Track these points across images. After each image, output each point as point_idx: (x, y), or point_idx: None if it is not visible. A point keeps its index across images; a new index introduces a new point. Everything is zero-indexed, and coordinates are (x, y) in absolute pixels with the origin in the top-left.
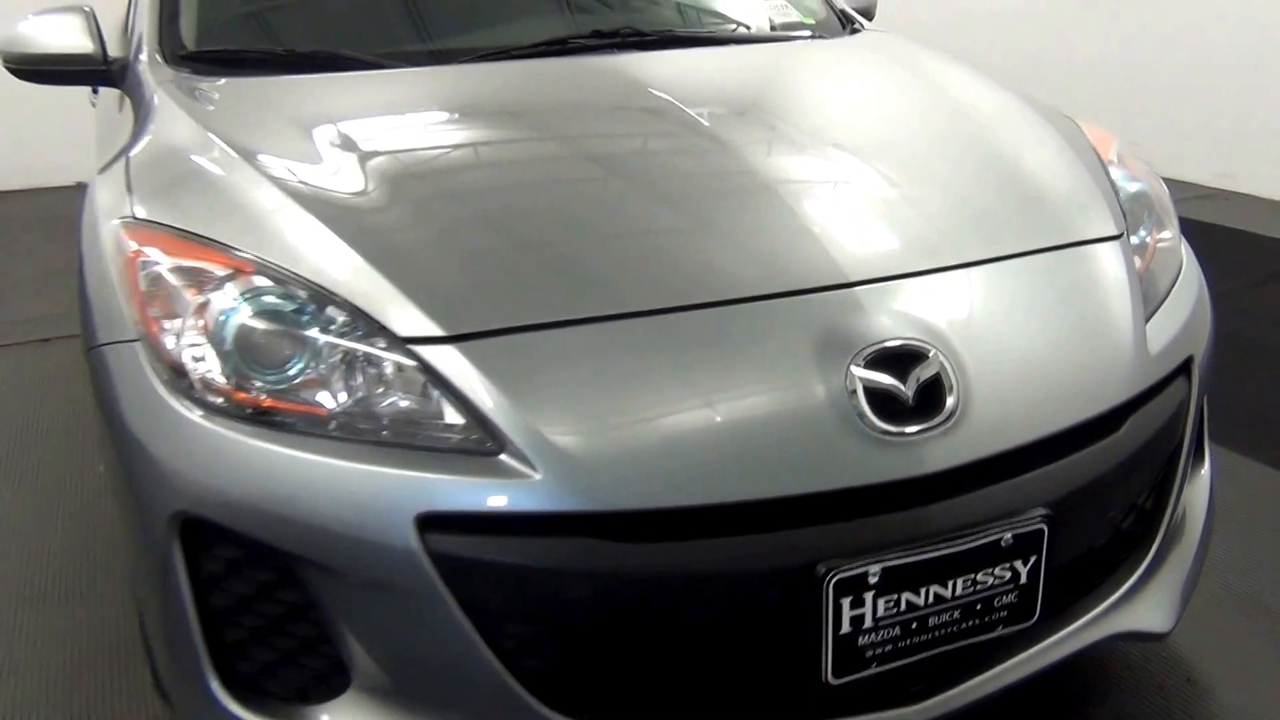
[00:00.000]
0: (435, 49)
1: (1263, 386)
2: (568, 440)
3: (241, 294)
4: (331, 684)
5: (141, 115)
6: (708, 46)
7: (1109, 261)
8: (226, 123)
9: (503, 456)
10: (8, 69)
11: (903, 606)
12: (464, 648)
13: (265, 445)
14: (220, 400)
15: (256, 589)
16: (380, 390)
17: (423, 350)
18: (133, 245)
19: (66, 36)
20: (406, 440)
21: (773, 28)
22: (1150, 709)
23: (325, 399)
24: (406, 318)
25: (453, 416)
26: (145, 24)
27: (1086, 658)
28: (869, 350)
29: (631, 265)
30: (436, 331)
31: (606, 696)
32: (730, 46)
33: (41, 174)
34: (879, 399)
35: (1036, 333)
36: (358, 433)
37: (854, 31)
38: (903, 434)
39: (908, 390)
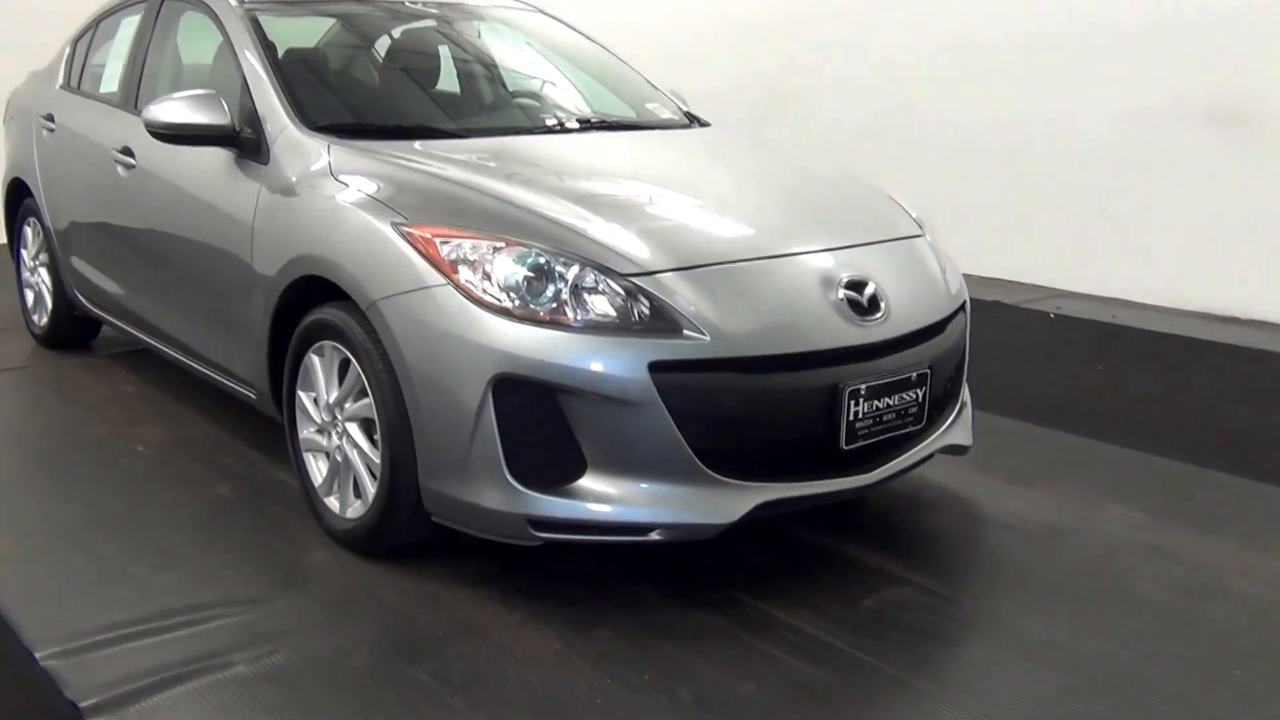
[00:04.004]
0: (487, 126)
1: None
2: (720, 323)
3: (512, 258)
4: (575, 471)
5: (314, 160)
6: (634, 131)
7: (924, 247)
8: (413, 163)
9: (685, 332)
10: (153, 135)
11: (873, 408)
12: (668, 435)
13: (551, 332)
14: (512, 314)
15: (534, 418)
16: (604, 304)
17: (637, 280)
18: (425, 235)
19: (208, 114)
20: (625, 328)
21: (662, 120)
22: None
23: (570, 313)
24: (622, 262)
25: (650, 315)
26: (272, 106)
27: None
28: (845, 279)
29: (710, 235)
30: (640, 270)
31: (736, 461)
32: (649, 131)
33: None
34: (853, 304)
35: (907, 275)
36: (596, 328)
37: (703, 125)
38: (866, 321)
39: (863, 299)
